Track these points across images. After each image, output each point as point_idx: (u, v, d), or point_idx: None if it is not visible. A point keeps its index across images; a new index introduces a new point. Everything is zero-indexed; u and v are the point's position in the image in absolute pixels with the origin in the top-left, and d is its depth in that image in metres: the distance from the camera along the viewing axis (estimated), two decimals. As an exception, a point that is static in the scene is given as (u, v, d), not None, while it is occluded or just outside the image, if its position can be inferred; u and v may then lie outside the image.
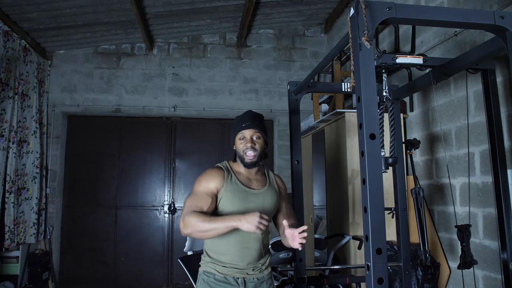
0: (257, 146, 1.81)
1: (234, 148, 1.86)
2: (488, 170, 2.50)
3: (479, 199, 2.60)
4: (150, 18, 4.63)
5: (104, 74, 5.20)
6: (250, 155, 1.79)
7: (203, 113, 5.29)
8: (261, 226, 1.57)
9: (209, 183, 1.78)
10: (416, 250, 2.81)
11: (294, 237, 1.60)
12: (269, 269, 1.88)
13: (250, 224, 1.57)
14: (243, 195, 1.80)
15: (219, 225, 1.62)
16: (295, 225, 1.81)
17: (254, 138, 1.82)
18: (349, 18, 1.37)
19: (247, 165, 1.82)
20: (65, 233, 5.07)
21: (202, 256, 1.89)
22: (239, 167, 1.87)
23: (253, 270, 1.81)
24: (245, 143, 1.81)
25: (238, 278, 1.78)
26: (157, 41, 5.30)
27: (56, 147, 5.02)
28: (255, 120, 1.85)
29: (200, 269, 1.86)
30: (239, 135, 1.83)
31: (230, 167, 1.88)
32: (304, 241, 1.58)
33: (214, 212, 1.79)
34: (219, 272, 1.79)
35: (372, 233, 1.22)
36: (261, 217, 1.57)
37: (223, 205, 1.79)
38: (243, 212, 1.72)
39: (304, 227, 1.58)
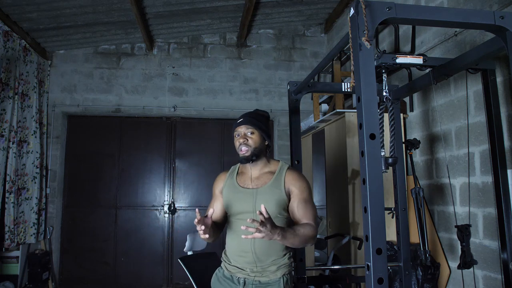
0: (250, 142, 1.81)
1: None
2: (488, 170, 2.50)
3: (479, 199, 2.60)
4: (150, 18, 4.63)
5: (104, 74, 5.20)
6: (243, 150, 1.81)
7: (203, 113, 5.29)
8: (200, 233, 1.59)
9: (214, 187, 1.96)
10: (416, 250, 2.81)
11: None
12: (278, 274, 1.74)
13: None
14: (236, 194, 1.84)
15: None
16: (295, 228, 1.66)
17: (248, 134, 1.83)
18: (349, 18, 1.37)
19: (241, 161, 1.85)
20: (65, 233, 5.07)
21: None
22: (246, 167, 1.90)
23: (252, 272, 1.76)
24: (239, 139, 1.84)
25: (239, 278, 1.78)
26: (157, 41, 5.31)
27: (56, 147, 5.02)
28: (250, 117, 1.87)
29: None
30: (235, 133, 1.87)
31: (239, 167, 1.95)
32: (255, 235, 1.47)
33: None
34: (226, 269, 1.84)
35: (372, 233, 1.22)
36: (198, 223, 1.59)
37: (225, 205, 1.88)
38: (237, 210, 1.81)
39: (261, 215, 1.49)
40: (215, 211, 1.88)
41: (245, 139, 1.82)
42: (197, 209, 1.63)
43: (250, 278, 1.76)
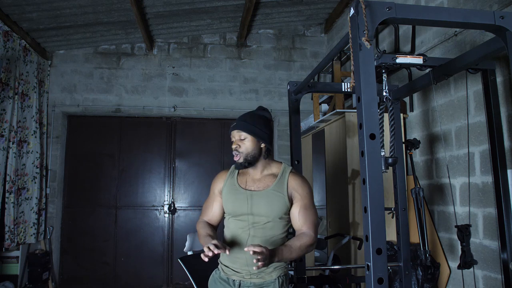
0: (241, 148, 1.77)
1: None
2: (488, 170, 2.50)
3: (479, 199, 2.60)
4: (150, 18, 4.63)
5: (104, 74, 5.20)
6: (235, 156, 1.79)
7: (203, 113, 5.29)
8: (205, 255, 1.53)
9: (214, 186, 1.92)
10: (416, 250, 2.81)
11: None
12: (273, 276, 1.74)
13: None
14: (236, 195, 1.81)
15: (200, 240, 1.77)
16: (291, 243, 1.66)
17: (239, 140, 1.79)
18: (349, 18, 1.37)
19: (236, 167, 1.84)
20: (65, 233, 5.07)
21: None
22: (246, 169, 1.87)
23: (247, 274, 1.75)
24: (233, 144, 1.81)
25: (235, 280, 1.77)
26: (157, 41, 5.31)
27: (56, 147, 5.02)
28: (243, 120, 1.81)
29: None
30: (231, 137, 1.85)
31: None
32: (258, 263, 1.46)
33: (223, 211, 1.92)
34: (223, 270, 1.83)
35: (372, 233, 1.22)
36: (209, 248, 1.52)
37: (223, 204, 1.88)
38: (235, 211, 1.81)
39: (253, 249, 1.47)
40: (213, 211, 1.91)
41: (237, 145, 1.79)
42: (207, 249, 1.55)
43: (245, 280, 1.75)
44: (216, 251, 1.53)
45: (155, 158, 5.31)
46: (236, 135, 1.80)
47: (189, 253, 3.25)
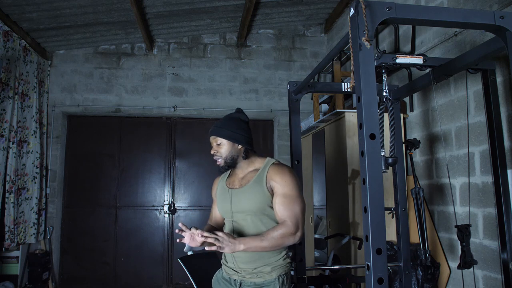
0: (219, 153, 1.82)
1: None
2: (488, 170, 2.50)
3: (479, 199, 2.60)
4: (150, 18, 4.63)
5: (104, 74, 5.20)
6: (216, 161, 1.84)
7: (203, 113, 5.29)
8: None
9: (212, 191, 2.04)
10: (416, 250, 2.81)
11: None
12: (273, 275, 1.73)
13: None
14: (223, 196, 1.88)
15: None
16: (264, 233, 1.65)
17: (215, 145, 1.85)
18: (349, 18, 1.37)
19: (219, 170, 1.88)
20: (65, 233, 5.07)
21: None
22: (233, 169, 1.92)
23: (248, 273, 1.76)
24: (211, 151, 1.86)
25: (236, 279, 1.79)
26: (157, 41, 5.31)
27: (56, 147, 5.02)
28: (216, 126, 1.86)
29: None
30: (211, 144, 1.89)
31: (231, 169, 1.96)
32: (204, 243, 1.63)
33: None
34: (225, 270, 1.87)
35: (372, 233, 1.22)
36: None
37: (217, 207, 1.96)
38: (222, 211, 1.89)
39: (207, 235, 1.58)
40: (214, 214, 1.99)
41: (215, 150, 1.84)
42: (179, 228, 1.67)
43: (246, 280, 1.76)
44: (182, 229, 1.64)
45: (155, 158, 5.31)
46: (213, 141, 1.86)
47: (189, 253, 3.26)
